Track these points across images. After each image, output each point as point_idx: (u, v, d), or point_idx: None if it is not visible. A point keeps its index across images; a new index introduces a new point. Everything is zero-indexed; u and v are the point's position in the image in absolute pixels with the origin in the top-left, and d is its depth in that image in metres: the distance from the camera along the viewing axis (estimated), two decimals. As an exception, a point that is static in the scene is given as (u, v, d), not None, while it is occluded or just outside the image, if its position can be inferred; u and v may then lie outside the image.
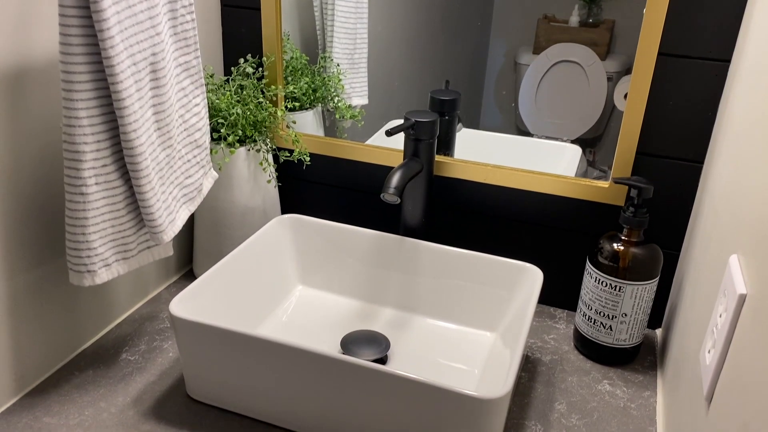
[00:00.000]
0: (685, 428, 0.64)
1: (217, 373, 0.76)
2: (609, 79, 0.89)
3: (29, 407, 0.77)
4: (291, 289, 0.97)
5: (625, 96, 0.87)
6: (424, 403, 0.66)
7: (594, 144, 0.92)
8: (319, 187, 1.06)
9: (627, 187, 0.89)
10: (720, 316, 0.56)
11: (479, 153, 0.96)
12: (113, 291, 0.91)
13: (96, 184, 0.72)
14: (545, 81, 0.91)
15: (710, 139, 0.85)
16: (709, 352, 0.58)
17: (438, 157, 0.97)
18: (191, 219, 1.05)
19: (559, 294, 1.00)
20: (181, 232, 1.04)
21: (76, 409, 0.77)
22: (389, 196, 0.83)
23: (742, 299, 0.52)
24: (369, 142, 1.02)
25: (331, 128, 1.04)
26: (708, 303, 0.65)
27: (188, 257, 1.07)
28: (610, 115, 0.90)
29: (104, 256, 0.75)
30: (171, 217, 0.79)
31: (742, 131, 0.66)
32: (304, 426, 0.74)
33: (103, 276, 0.76)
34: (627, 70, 0.87)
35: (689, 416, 0.63)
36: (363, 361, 0.67)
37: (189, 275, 1.06)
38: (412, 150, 0.90)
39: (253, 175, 0.96)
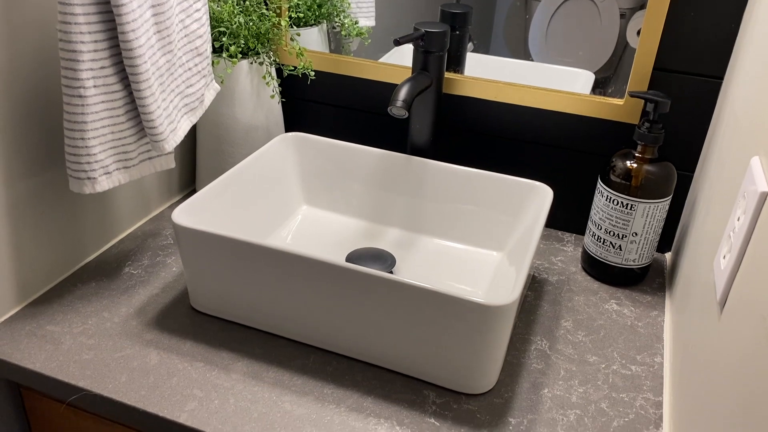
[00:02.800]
0: (695, 340, 0.63)
1: (220, 284, 0.75)
2: (622, 15, 0.85)
3: (32, 316, 0.77)
4: (295, 209, 0.96)
5: (638, 33, 0.84)
6: (430, 313, 0.65)
7: (605, 85, 0.89)
8: (323, 107, 1.04)
9: (643, 103, 0.86)
10: (738, 219, 0.55)
11: (489, 77, 0.93)
12: (115, 206, 0.90)
13: (95, 86, 0.69)
14: (556, 17, 0.87)
15: (731, 54, 0.81)
16: (724, 257, 0.56)
17: (447, 74, 0.94)
18: (194, 137, 1.03)
19: (568, 217, 0.98)
20: (183, 151, 1.02)
21: (80, 318, 0.77)
22: (396, 109, 0.80)
23: (764, 197, 0.50)
24: (376, 59, 0.99)
25: (336, 50, 1.00)
26: (724, 213, 0.63)
27: (191, 177, 1.05)
28: (622, 53, 0.86)
29: (104, 163, 0.73)
30: (172, 126, 0.77)
31: (769, 33, 0.62)
32: (309, 337, 0.74)
33: (103, 184, 0.74)
34: (641, 6, 0.83)
35: (699, 327, 0.62)
36: (370, 269, 0.66)
37: (192, 195, 1.04)
38: (422, 63, 0.87)
39: (256, 91, 0.94)
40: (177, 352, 0.72)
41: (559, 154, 0.94)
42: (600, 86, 0.89)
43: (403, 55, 0.97)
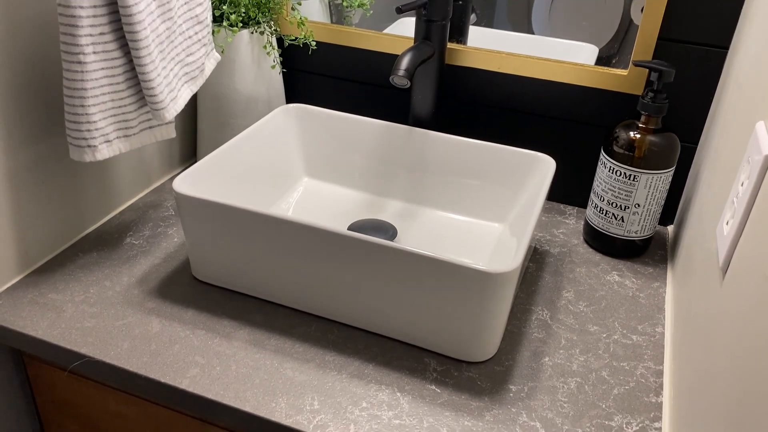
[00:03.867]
0: (696, 308, 0.63)
1: (222, 253, 0.75)
2: (625, -8, 0.84)
3: (34, 284, 0.77)
4: (296, 180, 0.95)
5: (642, 10, 0.82)
6: (432, 281, 0.65)
7: (608, 63, 0.88)
8: (324, 79, 1.03)
9: (647, 73, 0.85)
10: (742, 184, 0.54)
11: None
12: (116, 178, 0.90)
13: (94, 53, 0.69)
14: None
15: (737, 23, 0.80)
16: (727, 223, 0.56)
17: (450, 45, 0.93)
18: (194, 109, 1.03)
19: (570, 190, 0.98)
20: (184, 123, 1.02)
21: (81, 287, 0.77)
22: (398, 78, 0.79)
23: (768, 160, 0.49)
24: (378, 30, 0.98)
25: (338, 22, 0.99)
26: (728, 180, 0.63)
27: (192, 149, 1.05)
28: (625, 32, 0.85)
29: (105, 131, 0.73)
30: (173, 94, 0.77)
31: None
32: (310, 305, 0.74)
33: (104, 152, 0.74)
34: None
35: (701, 294, 0.62)
36: (372, 237, 0.66)
37: (193, 168, 1.04)
38: (424, 33, 0.86)
39: (257, 61, 0.93)
40: (179, 320, 0.73)
41: (562, 126, 0.94)
42: (604, 64, 0.88)
43: (406, 28, 0.96)
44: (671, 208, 0.94)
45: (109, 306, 0.74)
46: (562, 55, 0.90)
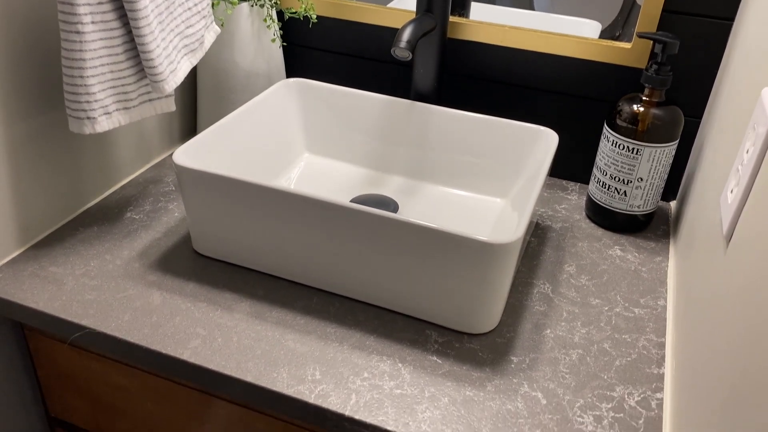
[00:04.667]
0: (699, 280, 0.63)
1: (223, 226, 0.74)
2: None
3: (34, 258, 0.77)
4: (297, 156, 0.95)
5: None
6: (434, 253, 0.65)
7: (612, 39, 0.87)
8: (325, 54, 1.02)
9: (651, 45, 0.84)
10: (747, 151, 0.54)
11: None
12: (116, 153, 0.89)
13: (92, 23, 0.68)
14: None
15: (743, -6, 0.79)
16: (731, 191, 0.56)
17: (452, 18, 0.92)
18: (194, 84, 1.02)
19: (572, 167, 0.97)
20: (184, 98, 1.01)
21: (82, 260, 0.77)
22: (400, 51, 0.79)
23: (775, 125, 0.49)
24: (379, 4, 0.97)
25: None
26: (732, 150, 0.62)
27: (192, 125, 1.04)
28: (629, 10, 0.84)
29: (104, 103, 0.72)
30: (172, 66, 0.76)
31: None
32: (312, 279, 0.74)
33: (103, 124, 0.73)
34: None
35: (704, 265, 0.62)
36: (375, 209, 0.65)
37: (193, 144, 1.03)
38: (426, 5, 0.86)
39: (257, 35, 0.92)
40: (180, 293, 0.72)
41: (565, 101, 0.93)
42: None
43: (407, 1, 0.95)
44: (674, 184, 0.94)
45: (109, 279, 0.74)
46: (565, 32, 0.89)
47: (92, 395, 0.78)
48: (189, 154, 0.75)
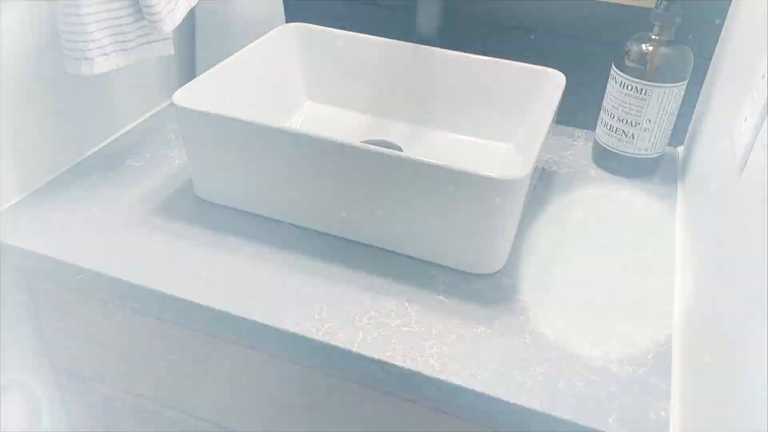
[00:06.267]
0: (710, 214, 0.62)
1: (225, 170, 0.73)
2: None
3: (36, 204, 0.76)
4: (299, 104, 0.93)
5: None
6: (442, 191, 0.64)
7: None
8: (325, 2, 1.00)
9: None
10: (762, 77, 0.52)
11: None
12: (115, 101, 0.88)
13: (86, -42, 0.66)
14: None
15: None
16: (745, 120, 0.54)
17: (456, -41, 0.90)
18: (193, 31, 1.00)
19: (579, 112, 0.95)
20: (182, 48, 0.99)
21: (83, 206, 0.76)
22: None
23: (793, 46, 0.47)
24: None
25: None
26: (745, 83, 0.61)
27: (191, 75, 1.02)
28: None
29: (101, 43, 0.71)
30: (170, 6, 0.74)
31: None
32: (317, 222, 0.73)
33: (101, 65, 0.71)
34: None
35: (715, 197, 0.61)
36: (382, 149, 0.64)
37: (193, 94, 1.01)
38: (429, -57, 0.83)
39: (257, -23, 0.90)
40: (183, 237, 0.72)
41: (571, 43, 0.91)
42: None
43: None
44: (682, 129, 0.92)
45: (111, 224, 0.73)
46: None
47: (95, 340, 0.78)
48: (189, 96, 0.73)
